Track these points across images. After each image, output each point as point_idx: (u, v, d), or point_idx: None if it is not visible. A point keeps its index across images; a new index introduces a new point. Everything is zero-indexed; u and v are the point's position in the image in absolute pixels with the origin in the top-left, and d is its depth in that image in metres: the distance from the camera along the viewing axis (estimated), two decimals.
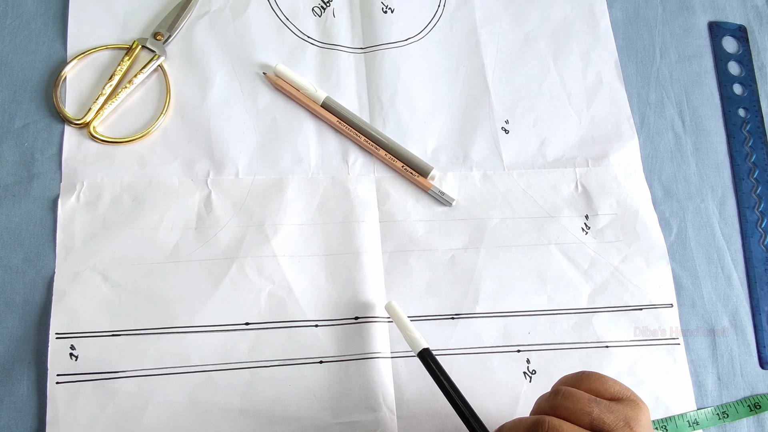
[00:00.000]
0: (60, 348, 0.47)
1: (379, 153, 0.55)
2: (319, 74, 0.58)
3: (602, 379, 0.39)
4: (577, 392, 0.38)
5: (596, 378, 0.39)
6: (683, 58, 0.62)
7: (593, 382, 0.39)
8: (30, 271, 0.50)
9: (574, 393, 0.38)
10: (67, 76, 0.55)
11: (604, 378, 0.39)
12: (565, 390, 0.38)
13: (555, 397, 0.38)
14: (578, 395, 0.37)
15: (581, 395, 0.37)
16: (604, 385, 0.39)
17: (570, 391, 0.38)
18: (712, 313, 0.54)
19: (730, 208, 0.58)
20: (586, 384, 0.39)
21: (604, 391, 0.39)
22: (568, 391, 0.38)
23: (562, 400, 0.38)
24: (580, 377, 0.40)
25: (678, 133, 0.60)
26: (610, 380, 0.39)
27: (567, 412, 0.37)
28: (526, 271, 0.53)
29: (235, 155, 0.54)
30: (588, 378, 0.40)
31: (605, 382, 0.39)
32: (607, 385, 0.39)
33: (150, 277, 0.50)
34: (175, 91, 0.56)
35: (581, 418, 0.36)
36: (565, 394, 0.38)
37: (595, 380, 0.39)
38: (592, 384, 0.39)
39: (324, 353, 0.49)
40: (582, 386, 0.39)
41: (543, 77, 0.60)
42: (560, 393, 0.38)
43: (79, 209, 0.51)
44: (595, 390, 0.39)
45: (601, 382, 0.39)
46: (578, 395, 0.37)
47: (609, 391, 0.39)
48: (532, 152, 0.57)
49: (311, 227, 0.53)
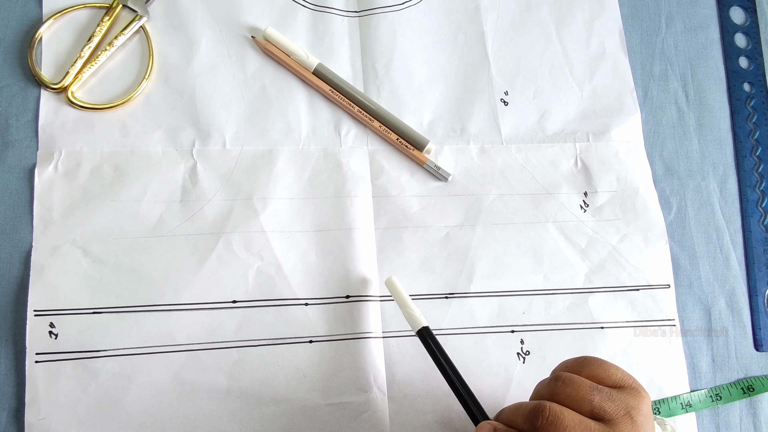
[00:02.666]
0: (38, 326, 0.46)
1: (373, 124, 0.53)
2: (310, 39, 0.55)
3: (604, 366, 0.38)
4: (578, 379, 0.37)
5: (598, 364, 0.39)
6: (689, 29, 0.60)
7: (595, 368, 0.38)
8: (6, 245, 0.48)
9: (575, 380, 0.37)
10: (43, 37, 0.52)
11: (606, 364, 0.39)
12: (566, 376, 0.37)
13: (555, 383, 0.37)
14: (579, 382, 0.37)
15: (582, 382, 0.37)
16: (606, 372, 0.38)
17: (571, 377, 0.37)
18: (709, 294, 0.53)
19: (731, 187, 0.57)
20: (588, 370, 0.38)
21: (606, 378, 0.38)
22: (569, 378, 0.37)
23: (563, 386, 0.37)
24: (581, 363, 0.39)
25: (681, 108, 0.58)
26: (613, 367, 0.38)
27: (567, 399, 0.36)
28: (523, 249, 0.52)
29: (222, 124, 0.52)
30: (590, 364, 0.39)
31: (607, 368, 0.38)
32: (609, 372, 0.38)
33: (133, 252, 0.48)
34: (159, 55, 0.53)
35: (582, 405, 0.36)
36: (566, 381, 0.37)
37: (597, 367, 0.38)
38: (594, 370, 0.38)
39: (314, 332, 0.48)
40: (583, 372, 0.38)
41: (545, 46, 0.57)
42: (561, 379, 0.37)
43: (57, 179, 0.49)
44: (596, 377, 0.38)
45: (603, 369, 0.38)
46: (579, 382, 0.37)
47: (611, 378, 0.38)
48: (532, 126, 0.55)
49: (301, 201, 0.51)
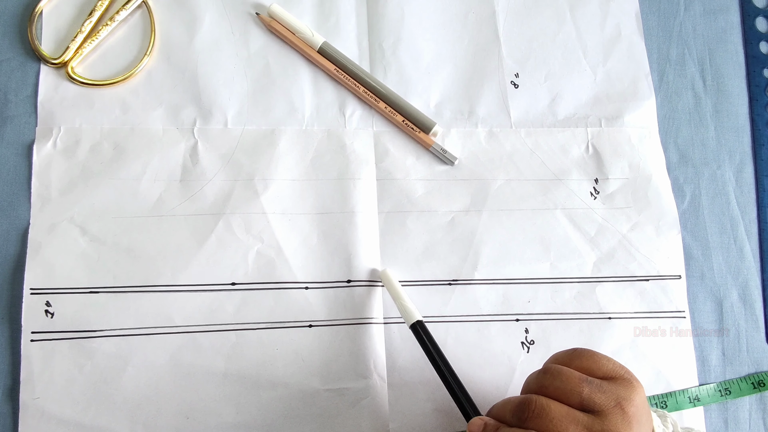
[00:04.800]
0: (35, 304, 0.45)
1: (379, 105, 0.51)
2: (316, 16, 0.54)
3: (595, 357, 0.38)
4: (567, 370, 0.36)
5: (588, 356, 0.38)
6: (708, 12, 0.58)
7: (585, 360, 0.38)
8: (3, 222, 0.47)
9: (564, 371, 0.36)
10: (43, 11, 0.51)
11: (597, 356, 0.38)
12: (554, 368, 0.37)
13: (544, 376, 0.37)
14: (568, 374, 0.36)
15: (571, 374, 0.36)
16: (596, 363, 0.37)
17: (560, 369, 0.36)
18: (721, 286, 0.52)
19: (748, 176, 0.55)
20: (578, 362, 0.38)
21: (596, 370, 0.37)
22: (557, 370, 0.36)
23: (551, 379, 0.36)
24: (571, 354, 0.38)
25: (698, 93, 0.56)
26: (603, 358, 0.38)
27: (556, 392, 0.36)
28: (530, 236, 0.51)
29: (224, 103, 0.51)
30: (580, 355, 0.38)
31: (598, 360, 0.37)
32: (600, 364, 0.37)
33: (131, 231, 0.47)
34: (161, 30, 0.52)
35: (571, 397, 0.35)
36: (554, 373, 0.36)
37: (587, 358, 0.38)
38: (583, 362, 0.37)
39: (314, 317, 0.47)
40: (573, 364, 0.37)
41: (558, 28, 0.55)
42: (549, 371, 0.37)
43: (55, 156, 0.48)
44: (586, 368, 0.37)
45: (593, 360, 0.37)
46: (568, 374, 0.36)
47: (601, 369, 0.37)
48: (542, 109, 0.54)
49: (304, 183, 0.50)
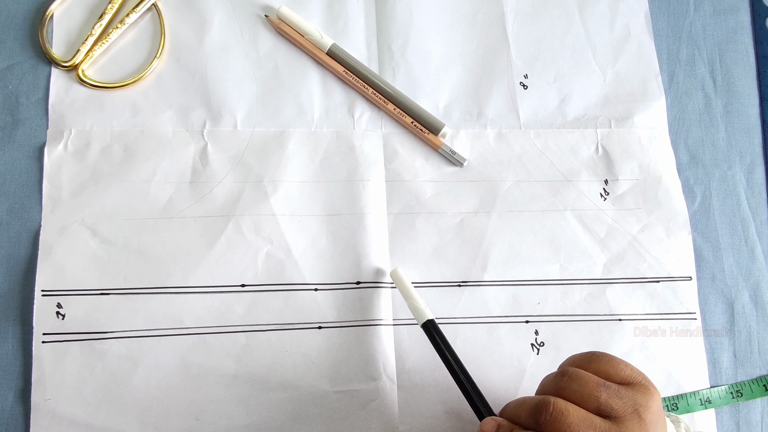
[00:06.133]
0: (46, 306, 0.45)
1: (388, 107, 0.51)
2: (325, 18, 0.54)
3: (613, 362, 0.37)
4: (585, 374, 0.36)
5: (606, 360, 0.37)
6: (719, 12, 0.58)
7: (603, 364, 0.37)
8: (15, 224, 0.47)
9: (582, 375, 0.36)
10: (54, 14, 0.51)
11: (614, 360, 0.37)
12: (572, 371, 0.36)
13: (561, 379, 0.36)
14: (586, 378, 0.36)
15: (589, 378, 0.36)
16: (614, 368, 0.37)
17: (578, 372, 0.36)
18: (732, 288, 0.51)
19: (759, 176, 0.54)
20: (596, 366, 0.37)
21: (614, 375, 0.37)
22: (575, 373, 0.36)
23: (569, 381, 0.36)
24: (589, 358, 0.38)
25: (708, 94, 0.56)
26: (621, 363, 0.37)
27: (574, 395, 0.35)
28: (539, 238, 0.50)
29: (234, 105, 0.51)
30: (598, 359, 0.38)
31: (616, 364, 0.37)
32: (618, 368, 0.37)
33: (141, 233, 0.47)
34: (170, 33, 0.52)
35: (588, 401, 0.35)
36: (573, 376, 0.36)
37: (605, 362, 0.37)
38: (601, 366, 0.37)
39: (323, 318, 0.47)
40: (591, 368, 0.37)
41: (567, 28, 0.55)
42: (567, 374, 0.36)
43: (66, 158, 0.48)
44: (604, 372, 0.37)
45: (611, 365, 0.37)
46: (586, 378, 0.36)
47: (619, 374, 0.37)
48: (552, 110, 0.53)
49: (313, 185, 0.50)
